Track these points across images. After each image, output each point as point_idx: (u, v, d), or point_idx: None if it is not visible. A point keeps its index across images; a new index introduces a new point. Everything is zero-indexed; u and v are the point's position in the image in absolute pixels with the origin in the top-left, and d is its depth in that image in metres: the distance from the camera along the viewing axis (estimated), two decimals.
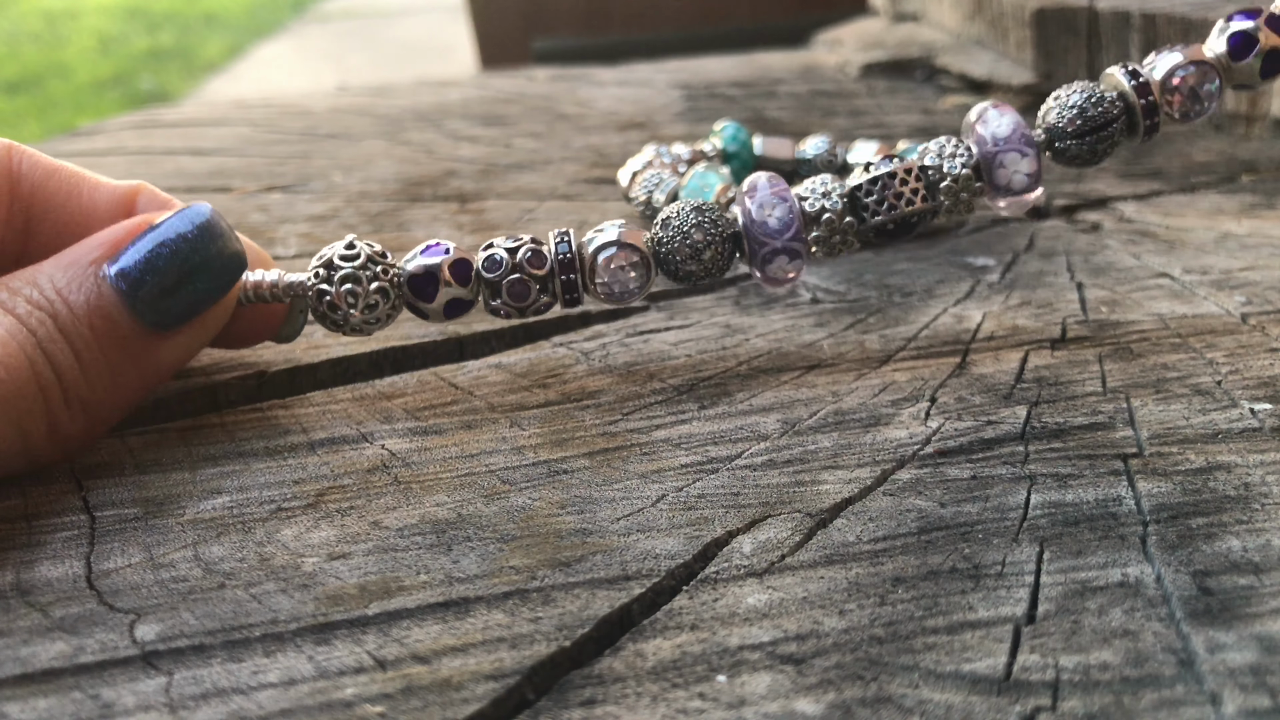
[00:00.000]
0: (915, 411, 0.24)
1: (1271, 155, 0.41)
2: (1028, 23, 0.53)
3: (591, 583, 0.19)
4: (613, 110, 0.56)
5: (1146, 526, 0.19)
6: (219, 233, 0.24)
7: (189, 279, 0.23)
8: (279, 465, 0.23)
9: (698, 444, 0.23)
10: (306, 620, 0.18)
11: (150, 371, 0.23)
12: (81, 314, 0.22)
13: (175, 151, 0.51)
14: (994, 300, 0.30)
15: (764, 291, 0.32)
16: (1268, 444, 0.21)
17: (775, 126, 0.50)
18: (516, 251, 0.25)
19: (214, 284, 0.24)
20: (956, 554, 0.19)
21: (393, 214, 0.40)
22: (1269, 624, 0.16)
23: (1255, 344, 0.26)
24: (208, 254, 0.23)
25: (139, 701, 0.16)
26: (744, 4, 1.49)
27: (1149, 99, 0.25)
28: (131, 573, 0.20)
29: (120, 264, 0.23)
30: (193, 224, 0.23)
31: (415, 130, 0.53)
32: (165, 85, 2.92)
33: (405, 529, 0.21)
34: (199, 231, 0.23)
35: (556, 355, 0.28)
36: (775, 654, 0.17)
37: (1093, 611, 0.17)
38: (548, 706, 0.16)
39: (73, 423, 0.22)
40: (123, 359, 0.23)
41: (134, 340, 0.23)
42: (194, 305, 0.23)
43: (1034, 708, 0.15)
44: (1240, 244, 0.33)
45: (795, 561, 0.19)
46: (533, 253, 0.25)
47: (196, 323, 0.24)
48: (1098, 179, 0.41)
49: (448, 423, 0.25)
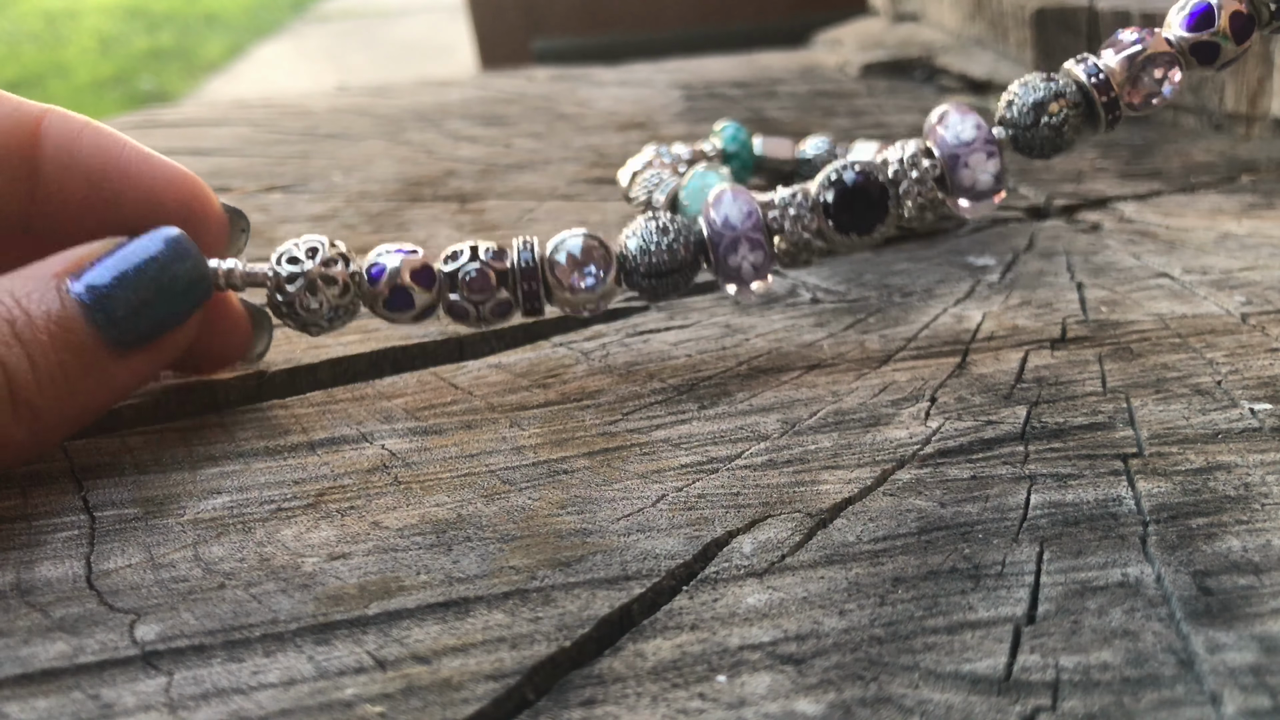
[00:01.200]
0: (915, 411, 0.24)
1: (1271, 155, 0.41)
2: (1028, 23, 0.53)
3: (591, 583, 0.19)
4: (613, 110, 0.56)
5: (1146, 526, 0.19)
6: (187, 255, 0.24)
7: (155, 299, 0.23)
8: (279, 465, 0.23)
9: (698, 444, 0.23)
10: (306, 620, 0.18)
11: (106, 389, 0.23)
12: (40, 322, 0.22)
13: (175, 151, 0.51)
14: (994, 300, 0.30)
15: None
16: (1268, 444, 0.21)
17: (775, 126, 0.50)
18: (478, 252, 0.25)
19: (179, 306, 0.24)
20: (956, 554, 0.19)
21: (393, 214, 0.40)
22: (1269, 624, 0.16)
23: (1255, 344, 0.26)
24: (175, 275, 0.23)
25: (139, 701, 0.16)
26: (744, 4, 1.49)
27: (1110, 95, 0.25)
28: (131, 573, 0.20)
29: (88, 279, 0.22)
30: (162, 245, 0.23)
31: (415, 130, 0.53)
32: (165, 85, 2.92)
33: (405, 529, 0.21)
34: (168, 253, 0.23)
35: (556, 355, 0.28)
36: (775, 654, 0.17)
37: (1093, 611, 0.17)
38: (548, 706, 0.16)
39: (19, 428, 0.22)
40: (80, 372, 0.22)
41: (93, 355, 0.22)
42: (158, 326, 0.23)
43: (1034, 708, 0.15)
44: (1240, 244, 0.33)
45: (795, 561, 0.19)
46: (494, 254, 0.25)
47: (158, 344, 0.23)
48: (1098, 179, 0.41)
49: (448, 423, 0.25)
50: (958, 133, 0.25)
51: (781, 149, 0.40)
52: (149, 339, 0.23)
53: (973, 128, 0.25)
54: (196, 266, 0.24)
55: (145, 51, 3.37)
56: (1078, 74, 0.25)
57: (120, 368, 0.23)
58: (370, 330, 0.30)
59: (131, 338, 0.23)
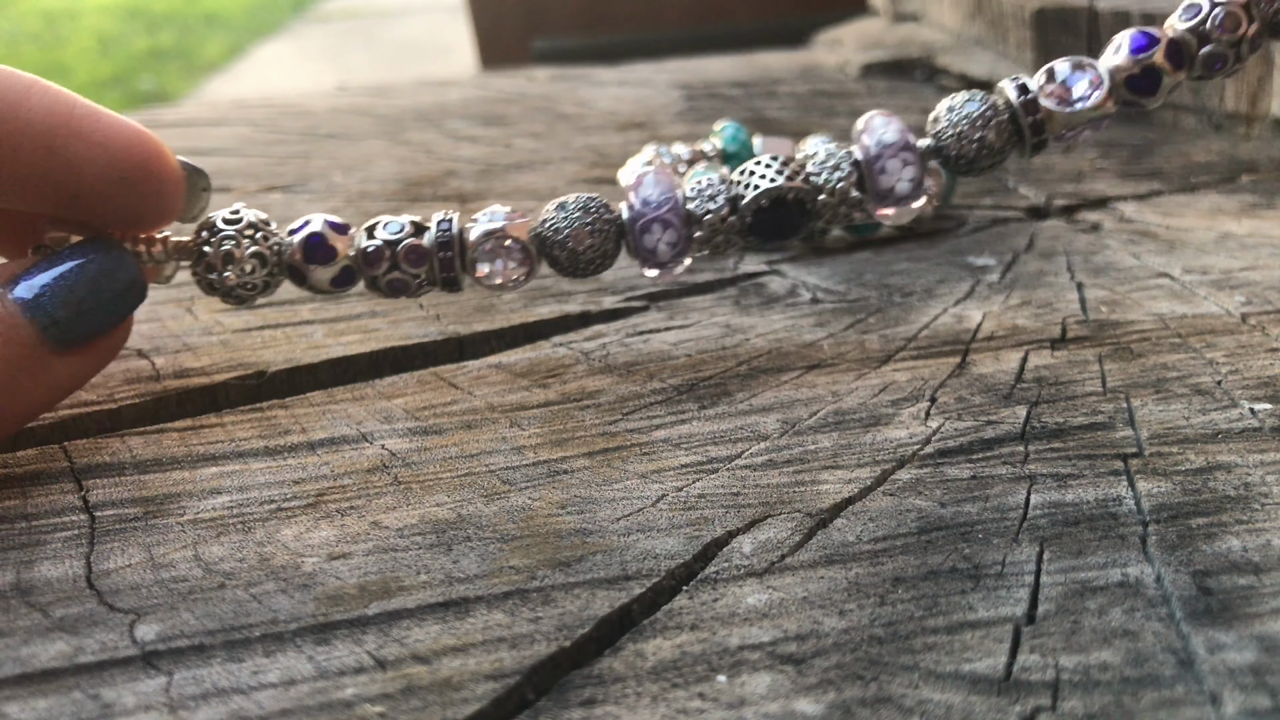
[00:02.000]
0: (915, 411, 0.24)
1: (1271, 155, 0.41)
2: (1028, 23, 0.53)
3: (591, 583, 0.19)
4: (613, 110, 0.56)
5: (1146, 526, 0.19)
6: (122, 259, 0.24)
7: (93, 301, 0.23)
8: (279, 465, 0.23)
9: (698, 444, 0.23)
10: (306, 620, 0.18)
11: (47, 388, 0.23)
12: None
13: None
14: (994, 300, 0.30)
15: (764, 291, 0.32)
16: (1268, 444, 0.21)
17: (775, 126, 0.50)
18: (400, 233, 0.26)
19: (116, 308, 0.24)
20: (956, 554, 0.19)
21: (393, 214, 0.40)
22: (1269, 624, 0.16)
23: (1255, 344, 0.26)
24: (112, 278, 0.24)
25: (139, 701, 0.16)
26: (744, 4, 1.49)
27: (1036, 116, 0.25)
28: (131, 573, 0.20)
29: (28, 282, 0.23)
30: (100, 249, 0.24)
31: (415, 130, 0.53)
32: (165, 85, 2.92)
33: (405, 529, 0.21)
34: (104, 257, 0.24)
35: (556, 355, 0.28)
36: (775, 654, 0.17)
37: (1093, 611, 0.17)
38: (548, 706, 0.16)
39: None
40: (19, 372, 0.22)
41: (35, 355, 0.23)
42: (96, 326, 0.24)
43: (1034, 708, 0.15)
44: (1240, 244, 0.33)
45: (795, 561, 0.19)
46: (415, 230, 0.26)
47: (95, 344, 0.24)
48: (1098, 179, 0.41)
49: (448, 423, 0.25)
50: (879, 137, 0.25)
51: (781, 149, 0.40)
52: (88, 339, 0.24)
53: (895, 133, 0.25)
54: (131, 270, 0.24)
55: (145, 51, 3.37)
56: (1009, 93, 0.25)
57: (61, 367, 0.23)
58: (370, 330, 0.30)
59: (71, 337, 0.23)
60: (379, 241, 0.25)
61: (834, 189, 0.25)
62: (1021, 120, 0.25)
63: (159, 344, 0.30)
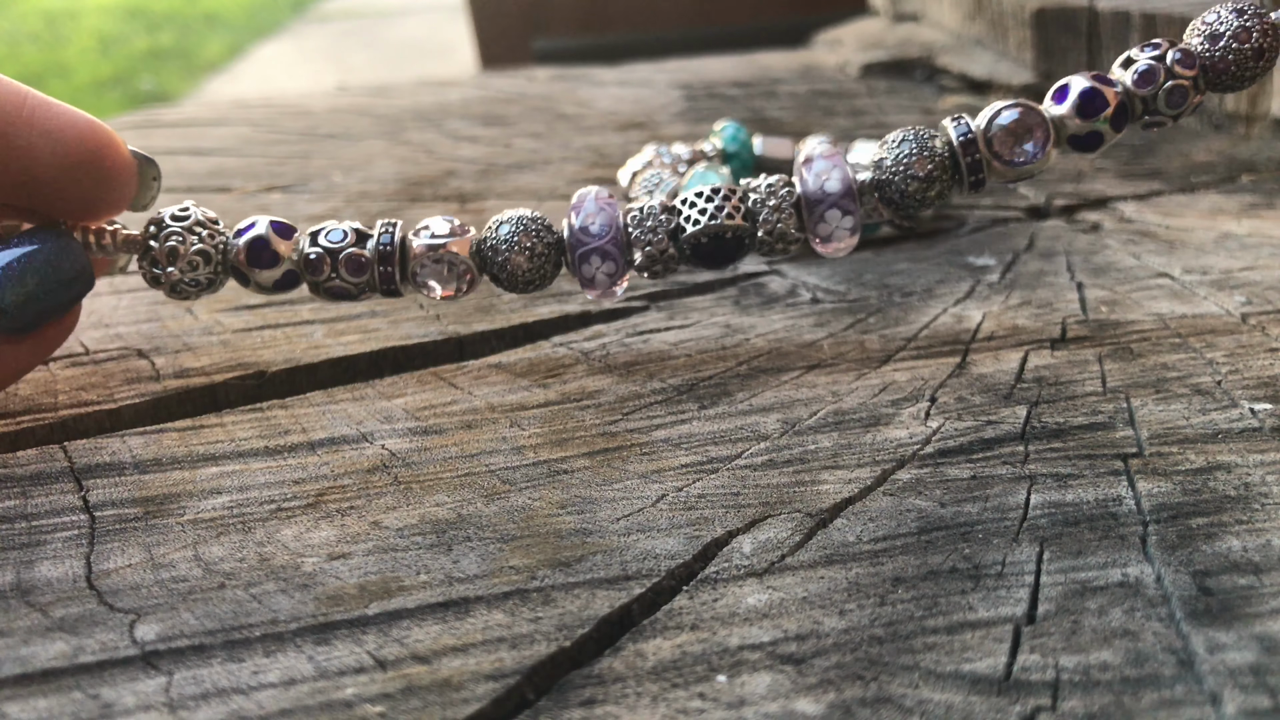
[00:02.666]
0: (915, 411, 0.24)
1: (1271, 155, 0.41)
2: (1028, 23, 0.53)
3: (591, 583, 0.19)
4: (613, 110, 0.56)
5: (1146, 526, 0.19)
6: (70, 248, 0.24)
7: (41, 290, 0.24)
8: (279, 465, 0.23)
9: (698, 444, 0.23)
10: (306, 620, 0.18)
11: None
12: None
13: (175, 151, 0.51)
14: (994, 300, 0.30)
15: (764, 291, 0.32)
16: (1268, 444, 0.21)
17: (775, 126, 0.50)
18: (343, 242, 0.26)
19: (63, 296, 0.24)
20: (956, 554, 0.19)
21: (393, 214, 0.40)
22: (1269, 624, 0.16)
23: (1255, 344, 0.26)
24: (59, 267, 0.24)
25: (139, 701, 0.16)
26: (744, 4, 1.49)
27: (974, 156, 0.25)
28: (131, 573, 0.20)
29: None
30: (48, 237, 0.24)
31: (415, 130, 0.53)
32: (165, 85, 2.92)
33: (405, 529, 0.21)
34: (52, 246, 0.24)
35: (556, 355, 0.28)
36: (775, 654, 0.17)
37: (1093, 611, 0.17)
38: (548, 706, 0.16)
39: None
40: None
41: None
42: (43, 315, 0.24)
43: (1034, 708, 0.15)
44: (1240, 244, 0.33)
45: (795, 561, 0.19)
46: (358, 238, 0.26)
47: (42, 333, 0.24)
48: (1098, 179, 0.41)
49: (448, 423, 0.25)
50: (824, 185, 0.25)
51: (781, 149, 0.40)
52: (35, 326, 0.24)
53: (837, 182, 0.25)
54: (79, 259, 0.25)
55: (145, 51, 3.37)
56: (950, 132, 0.25)
57: (8, 354, 0.24)
58: (370, 330, 0.30)
59: (19, 325, 0.24)
60: (320, 249, 0.25)
61: (773, 229, 0.25)
62: (960, 160, 0.25)
63: (159, 344, 0.30)
